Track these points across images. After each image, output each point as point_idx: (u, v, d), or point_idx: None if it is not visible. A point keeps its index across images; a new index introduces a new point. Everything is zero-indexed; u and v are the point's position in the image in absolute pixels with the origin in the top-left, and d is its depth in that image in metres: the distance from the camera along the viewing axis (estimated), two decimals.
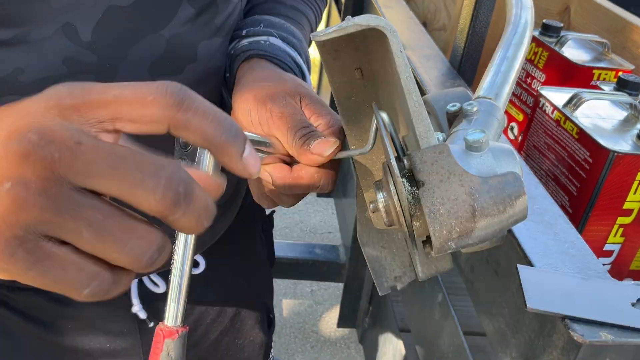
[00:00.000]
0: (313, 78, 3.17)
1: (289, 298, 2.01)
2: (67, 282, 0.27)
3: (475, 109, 0.40)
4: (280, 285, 2.04)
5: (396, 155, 0.37)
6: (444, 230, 0.34)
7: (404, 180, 0.35)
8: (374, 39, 0.38)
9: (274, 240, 0.87)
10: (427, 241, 0.38)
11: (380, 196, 0.38)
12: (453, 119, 0.42)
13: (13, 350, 0.62)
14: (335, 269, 1.66)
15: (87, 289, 0.27)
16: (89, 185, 0.26)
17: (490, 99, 0.43)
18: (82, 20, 0.45)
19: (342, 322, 1.69)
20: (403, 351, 1.22)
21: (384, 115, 0.37)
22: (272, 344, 0.83)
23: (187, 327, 0.39)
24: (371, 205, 0.39)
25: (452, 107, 0.42)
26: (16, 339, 0.62)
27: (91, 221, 0.26)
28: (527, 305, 0.42)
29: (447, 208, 0.34)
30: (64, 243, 0.27)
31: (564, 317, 0.42)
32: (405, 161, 0.35)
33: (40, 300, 0.61)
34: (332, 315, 1.90)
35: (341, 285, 1.67)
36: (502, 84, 0.45)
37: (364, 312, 1.56)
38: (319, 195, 1.97)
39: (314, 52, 0.48)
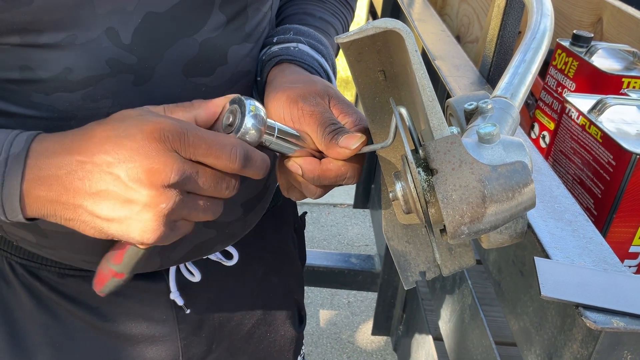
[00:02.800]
0: (350, 93, 3.22)
1: (326, 309, 2.03)
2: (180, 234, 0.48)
3: (489, 106, 0.43)
4: (317, 295, 2.07)
5: (413, 148, 0.41)
6: (456, 215, 0.37)
7: (419, 169, 0.38)
8: (394, 42, 0.41)
9: (312, 250, 0.90)
10: (444, 230, 0.41)
11: (399, 185, 0.41)
12: (470, 116, 0.45)
13: (62, 332, 0.67)
14: (370, 278, 1.68)
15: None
16: (196, 190, 0.46)
17: (506, 98, 0.46)
18: (123, 25, 0.50)
19: (377, 329, 1.71)
20: (436, 359, 1.23)
21: (402, 109, 0.41)
22: (303, 340, 0.86)
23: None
24: (390, 194, 0.42)
25: (469, 105, 0.45)
26: (65, 322, 0.67)
27: (200, 205, 0.47)
28: (542, 293, 0.44)
29: (459, 194, 0.37)
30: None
31: (577, 305, 0.44)
32: (420, 152, 0.39)
33: (88, 287, 0.66)
34: (369, 327, 1.92)
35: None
36: (518, 85, 0.47)
37: (398, 319, 1.57)
38: (356, 206, 2.00)
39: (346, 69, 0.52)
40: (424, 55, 0.95)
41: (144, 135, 0.43)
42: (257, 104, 0.47)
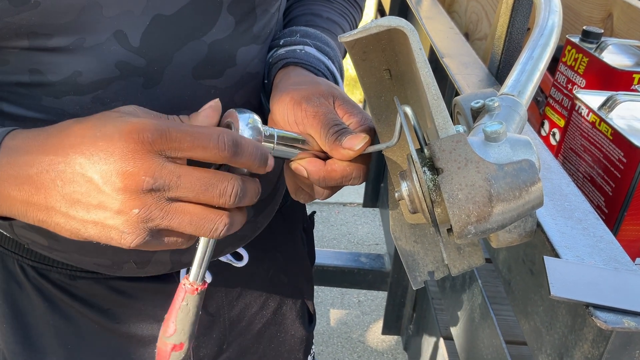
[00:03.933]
0: (358, 92, 3.21)
1: (336, 308, 2.03)
2: (171, 246, 0.45)
3: (496, 104, 0.43)
4: (327, 295, 2.07)
5: (419, 147, 0.40)
6: (462, 215, 0.37)
7: (425, 168, 0.38)
8: (398, 41, 0.41)
9: (322, 249, 0.90)
10: (451, 230, 0.41)
11: (404, 185, 0.41)
12: (477, 115, 0.45)
13: (74, 333, 0.68)
14: (380, 277, 1.68)
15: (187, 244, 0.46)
16: (182, 197, 0.42)
17: (513, 95, 0.45)
18: (131, 28, 0.50)
19: (387, 329, 1.71)
20: (447, 358, 1.22)
21: (407, 108, 0.40)
22: (313, 340, 0.86)
23: (206, 285, 0.50)
24: (396, 193, 0.42)
25: (476, 103, 0.45)
26: (76, 323, 0.68)
27: (185, 217, 0.43)
28: (551, 293, 0.43)
29: (465, 193, 0.36)
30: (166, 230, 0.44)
31: (587, 305, 0.44)
32: (426, 151, 0.38)
33: (98, 289, 0.67)
34: (379, 326, 1.91)
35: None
36: (526, 82, 0.47)
37: (408, 319, 1.57)
38: (365, 205, 2.00)
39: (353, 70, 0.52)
40: (433, 52, 0.95)
41: (122, 135, 0.40)
42: (254, 115, 0.46)
